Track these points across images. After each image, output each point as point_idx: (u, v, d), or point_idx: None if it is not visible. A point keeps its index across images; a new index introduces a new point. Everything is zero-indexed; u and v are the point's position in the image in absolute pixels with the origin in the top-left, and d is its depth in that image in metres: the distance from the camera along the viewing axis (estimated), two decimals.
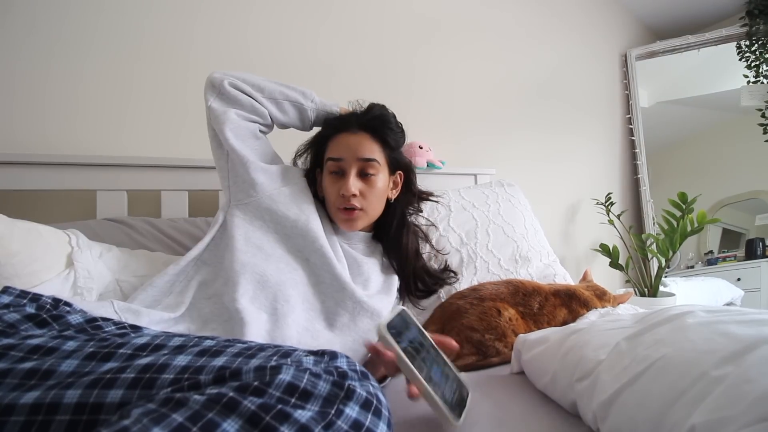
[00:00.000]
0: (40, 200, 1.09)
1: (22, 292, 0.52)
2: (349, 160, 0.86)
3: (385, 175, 0.91)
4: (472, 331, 0.83)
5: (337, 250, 0.86)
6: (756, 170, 2.25)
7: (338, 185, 0.86)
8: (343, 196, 0.85)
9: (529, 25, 2.05)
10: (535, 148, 2.04)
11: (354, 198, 0.85)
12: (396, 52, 1.68)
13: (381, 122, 0.90)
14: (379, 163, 0.88)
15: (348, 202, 0.85)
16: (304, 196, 0.87)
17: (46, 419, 0.34)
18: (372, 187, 0.87)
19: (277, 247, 0.80)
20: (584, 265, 2.14)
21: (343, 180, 0.86)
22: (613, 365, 0.51)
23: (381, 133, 0.89)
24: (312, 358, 0.40)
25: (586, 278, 1.11)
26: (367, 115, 0.91)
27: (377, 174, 0.88)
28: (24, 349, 0.41)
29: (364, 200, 0.87)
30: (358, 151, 0.86)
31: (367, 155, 0.86)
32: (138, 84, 1.23)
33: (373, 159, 0.87)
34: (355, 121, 0.90)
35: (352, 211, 0.86)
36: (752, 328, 0.45)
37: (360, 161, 0.86)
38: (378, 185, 0.88)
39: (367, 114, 0.91)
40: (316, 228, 0.82)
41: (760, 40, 2.16)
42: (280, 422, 0.32)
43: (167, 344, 0.43)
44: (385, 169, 0.91)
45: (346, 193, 0.84)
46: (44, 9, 1.13)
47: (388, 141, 0.90)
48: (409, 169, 0.99)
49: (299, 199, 0.86)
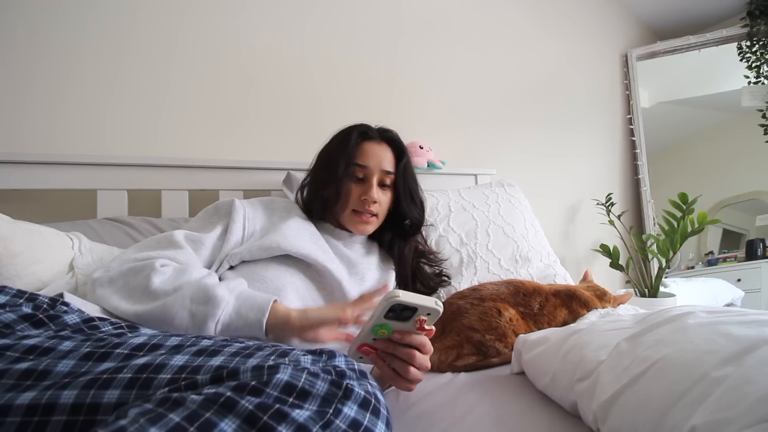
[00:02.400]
0: (40, 200, 1.09)
1: (19, 291, 0.51)
2: (373, 169, 0.91)
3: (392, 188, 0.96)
4: (473, 332, 0.83)
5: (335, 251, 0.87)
6: (756, 171, 2.25)
7: (359, 190, 0.90)
8: (365, 201, 0.89)
9: (530, 26, 2.05)
10: (535, 148, 2.03)
11: (374, 205, 0.89)
12: (396, 51, 1.68)
13: (397, 138, 0.97)
14: (394, 176, 0.94)
15: (368, 207, 0.89)
16: (287, 225, 0.84)
17: (42, 420, 0.34)
18: (386, 196, 0.93)
19: (275, 260, 0.80)
20: (584, 266, 2.14)
21: (365, 186, 0.90)
22: (613, 366, 0.51)
23: (398, 147, 0.95)
24: (310, 357, 0.40)
25: (587, 278, 1.10)
26: (386, 132, 0.96)
27: (391, 185, 0.94)
28: (20, 350, 0.41)
29: (380, 207, 0.92)
30: (382, 163, 0.92)
31: (388, 167, 0.92)
32: (138, 84, 1.23)
33: (392, 172, 0.93)
34: (376, 131, 0.95)
35: (369, 216, 0.90)
36: (753, 329, 0.45)
37: (382, 172, 0.92)
38: (389, 195, 0.94)
39: (385, 130, 0.97)
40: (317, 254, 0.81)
41: (761, 40, 2.16)
42: (277, 422, 0.32)
43: (164, 344, 0.43)
44: None
45: (369, 199, 0.88)
46: (45, 9, 1.13)
47: (402, 155, 0.95)
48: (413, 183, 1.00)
49: (294, 231, 0.83)
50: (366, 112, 1.03)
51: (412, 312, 0.53)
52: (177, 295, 0.63)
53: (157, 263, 0.68)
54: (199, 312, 0.62)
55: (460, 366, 0.81)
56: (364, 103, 1.58)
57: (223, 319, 0.62)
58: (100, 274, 0.68)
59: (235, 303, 0.64)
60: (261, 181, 1.28)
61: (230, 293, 0.65)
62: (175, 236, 0.75)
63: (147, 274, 0.66)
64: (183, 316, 0.62)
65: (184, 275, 0.66)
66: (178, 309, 0.62)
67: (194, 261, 0.74)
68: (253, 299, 0.64)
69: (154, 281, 0.65)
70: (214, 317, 0.61)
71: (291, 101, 1.45)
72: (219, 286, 0.65)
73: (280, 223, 0.83)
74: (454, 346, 0.83)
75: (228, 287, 0.66)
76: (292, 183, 1.21)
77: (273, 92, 1.43)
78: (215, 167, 1.22)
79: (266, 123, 1.41)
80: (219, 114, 1.34)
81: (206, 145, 1.31)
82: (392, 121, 0.99)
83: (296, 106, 1.46)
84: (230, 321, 0.62)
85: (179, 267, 0.69)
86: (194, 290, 0.64)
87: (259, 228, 0.83)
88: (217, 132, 1.33)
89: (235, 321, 0.62)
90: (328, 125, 0.98)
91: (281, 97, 1.44)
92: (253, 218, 0.83)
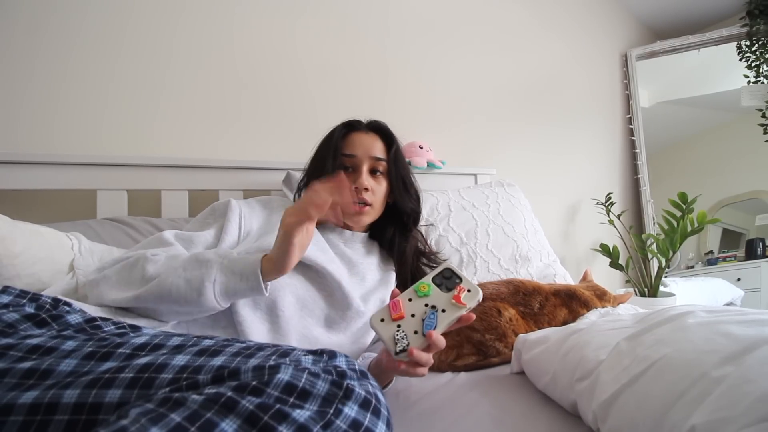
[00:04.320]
0: (40, 200, 1.09)
1: (22, 291, 0.52)
2: (361, 157, 0.89)
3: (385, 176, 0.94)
4: (473, 331, 0.83)
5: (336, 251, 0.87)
6: (756, 170, 2.25)
7: (350, 180, 0.89)
8: (356, 189, 0.88)
9: (530, 26, 2.05)
10: (535, 147, 2.04)
11: (366, 192, 0.88)
12: (396, 51, 1.68)
13: (385, 127, 0.96)
14: (386, 163, 0.92)
15: (360, 196, 0.88)
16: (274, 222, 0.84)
17: (44, 419, 0.34)
18: (380, 185, 0.91)
19: None
20: (584, 265, 2.14)
21: (355, 174, 0.89)
22: (613, 365, 0.51)
23: (387, 135, 0.94)
24: (311, 357, 0.40)
25: (586, 278, 1.10)
26: (374, 122, 0.96)
27: (384, 173, 0.93)
28: (23, 349, 0.41)
29: (374, 196, 0.90)
30: (370, 150, 0.90)
31: (378, 154, 0.91)
32: (136, 84, 1.23)
33: (383, 159, 0.91)
34: (364, 123, 0.95)
35: (363, 206, 0.89)
36: (752, 329, 0.45)
37: (372, 159, 0.90)
38: (384, 184, 0.92)
39: (373, 121, 0.97)
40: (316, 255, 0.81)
41: (761, 40, 2.16)
42: (278, 422, 0.32)
43: (166, 344, 0.43)
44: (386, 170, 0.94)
45: (360, 187, 0.87)
46: (43, 9, 1.13)
47: (392, 143, 0.94)
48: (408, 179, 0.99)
49: None
50: (366, 111, 1.03)
51: (456, 282, 0.58)
52: (170, 270, 0.63)
53: (148, 253, 0.68)
54: (194, 277, 0.62)
55: (460, 366, 0.81)
56: (364, 103, 1.58)
57: (219, 279, 0.62)
58: (94, 275, 0.69)
59: (228, 263, 0.64)
60: (260, 181, 1.28)
61: (220, 257, 0.65)
62: (165, 235, 0.75)
63: (141, 265, 0.66)
64: (179, 284, 0.62)
65: (177, 258, 0.67)
66: (173, 279, 0.62)
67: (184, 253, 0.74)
68: (244, 259, 0.65)
69: (149, 269, 0.65)
70: (209, 277, 0.62)
71: (290, 101, 1.45)
72: (208, 252, 0.66)
73: (279, 224, 0.82)
74: (454, 346, 0.83)
75: (216, 252, 0.66)
76: (292, 183, 1.21)
77: (272, 92, 1.43)
78: (215, 167, 1.22)
79: (265, 123, 1.41)
80: (218, 114, 1.34)
81: (206, 145, 1.31)
82: (392, 120, 0.99)
83: (295, 107, 1.45)
84: (227, 280, 0.62)
85: (171, 254, 0.69)
86: (186, 262, 0.65)
87: (256, 227, 0.83)
88: (216, 132, 1.33)
89: (231, 279, 0.62)
90: (328, 124, 0.97)
91: (280, 96, 1.44)
92: (249, 217, 0.83)
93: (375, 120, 0.97)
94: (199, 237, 0.77)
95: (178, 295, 0.61)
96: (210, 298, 0.62)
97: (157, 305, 0.63)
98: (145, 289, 0.62)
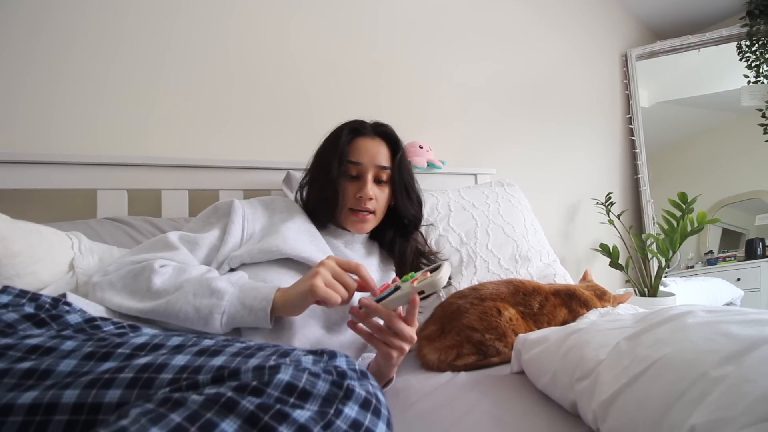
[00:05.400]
0: (40, 200, 1.09)
1: (21, 291, 0.52)
2: (367, 165, 0.89)
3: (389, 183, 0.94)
4: (473, 331, 0.83)
5: (336, 252, 0.87)
6: (756, 170, 2.25)
7: (354, 188, 0.88)
8: (360, 198, 0.87)
9: (530, 25, 2.05)
10: (535, 147, 2.04)
11: (370, 201, 0.88)
12: (396, 51, 1.67)
13: (391, 132, 0.95)
14: (390, 171, 0.91)
15: (364, 205, 0.87)
16: (288, 222, 0.84)
17: (44, 419, 0.34)
18: (383, 192, 0.91)
19: (276, 263, 0.79)
20: (584, 265, 2.14)
21: (360, 183, 0.88)
22: (613, 365, 0.51)
23: (393, 141, 0.93)
24: (311, 357, 0.40)
25: (586, 278, 1.10)
26: (380, 126, 0.94)
27: (388, 181, 0.92)
28: (22, 349, 0.41)
29: (377, 204, 0.90)
30: (376, 158, 0.89)
31: (383, 162, 0.90)
32: (134, 84, 1.23)
33: (387, 167, 0.91)
34: (370, 127, 0.93)
35: (366, 214, 0.88)
36: (752, 328, 0.45)
37: (377, 168, 0.89)
38: (387, 191, 0.92)
39: (379, 125, 0.95)
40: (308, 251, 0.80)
41: (761, 40, 2.16)
42: (278, 422, 0.32)
43: (166, 344, 0.43)
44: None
45: (364, 197, 0.87)
46: (42, 9, 1.13)
47: (398, 150, 0.93)
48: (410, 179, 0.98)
49: (293, 232, 0.82)
50: (366, 110, 1.02)
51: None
52: (180, 293, 0.63)
53: (156, 264, 0.67)
54: (204, 306, 0.62)
55: (460, 365, 0.81)
56: (363, 102, 1.58)
57: (229, 310, 0.62)
58: (98, 278, 0.68)
59: (239, 294, 0.63)
60: (261, 181, 1.28)
61: (233, 285, 0.64)
62: (170, 238, 0.75)
63: (147, 275, 0.66)
64: (187, 310, 0.61)
65: (185, 274, 0.66)
66: (182, 305, 0.62)
67: (191, 261, 0.73)
68: (257, 290, 0.64)
69: (155, 282, 0.64)
70: (219, 309, 0.61)
71: (290, 101, 1.45)
72: (221, 279, 0.65)
73: (281, 225, 0.82)
74: (454, 346, 0.83)
75: (230, 280, 0.66)
76: (292, 182, 1.21)
77: (272, 91, 1.42)
78: (215, 167, 1.22)
79: (266, 122, 1.41)
80: (219, 114, 1.34)
81: (206, 145, 1.31)
82: (392, 120, 0.98)
83: (295, 106, 1.45)
84: (235, 312, 0.62)
85: (178, 266, 0.69)
86: (196, 286, 0.63)
87: (259, 228, 0.82)
88: (216, 132, 1.33)
89: (240, 311, 0.62)
90: (327, 124, 0.97)
91: (280, 96, 1.43)
92: (252, 219, 0.83)
93: (381, 123, 0.95)
94: (204, 239, 0.77)
95: (185, 319, 0.62)
96: (216, 327, 0.62)
97: (161, 321, 0.64)
98: (152, 308, 0.62)
